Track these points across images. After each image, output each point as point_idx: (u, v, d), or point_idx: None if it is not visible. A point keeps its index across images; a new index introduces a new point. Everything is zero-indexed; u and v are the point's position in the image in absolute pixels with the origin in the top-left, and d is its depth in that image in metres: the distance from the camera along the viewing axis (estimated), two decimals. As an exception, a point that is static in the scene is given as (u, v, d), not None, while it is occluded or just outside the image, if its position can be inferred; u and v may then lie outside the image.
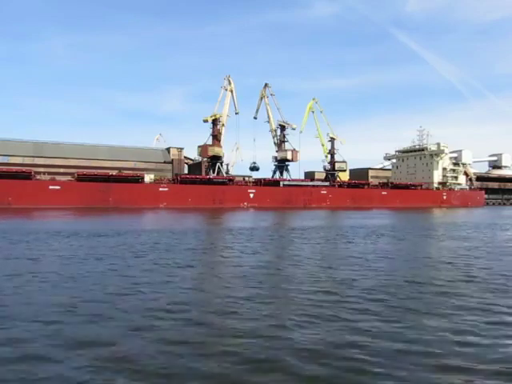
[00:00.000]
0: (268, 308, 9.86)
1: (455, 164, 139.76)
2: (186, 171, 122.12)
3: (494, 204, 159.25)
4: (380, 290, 11.64)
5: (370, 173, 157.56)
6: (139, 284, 12.33)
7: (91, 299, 10.47)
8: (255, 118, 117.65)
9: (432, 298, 10.89)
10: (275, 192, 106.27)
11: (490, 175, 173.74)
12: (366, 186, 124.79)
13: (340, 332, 8.15)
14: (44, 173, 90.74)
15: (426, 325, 8.63)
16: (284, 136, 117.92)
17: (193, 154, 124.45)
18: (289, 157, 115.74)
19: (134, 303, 10.12)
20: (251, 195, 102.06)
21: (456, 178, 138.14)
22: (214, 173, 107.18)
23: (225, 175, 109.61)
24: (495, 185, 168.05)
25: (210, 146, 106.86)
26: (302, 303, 10.25)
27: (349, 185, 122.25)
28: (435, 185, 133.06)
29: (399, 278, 13.42)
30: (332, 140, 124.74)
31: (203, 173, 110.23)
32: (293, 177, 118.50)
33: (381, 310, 9.74)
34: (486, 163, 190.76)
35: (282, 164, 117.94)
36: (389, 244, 24.18)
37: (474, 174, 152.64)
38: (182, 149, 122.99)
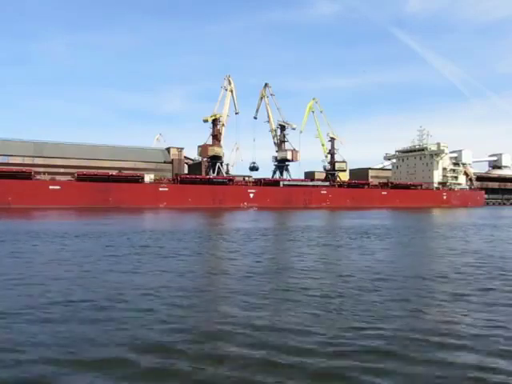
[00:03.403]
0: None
1: (455, 164, 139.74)
2: (186, 171, 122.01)
3: (493, 204, 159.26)
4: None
5: (370, 173, 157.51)
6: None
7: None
8: (255, 117, 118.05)
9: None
10: (275, 192, 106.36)
11: (490, 175, 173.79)
12: (366, 186, 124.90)
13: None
14: (44, 173, 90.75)
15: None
16: (284, 136, 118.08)
17: (193, 154, 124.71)
18: (289, 157, 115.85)
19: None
20: (251, 195, 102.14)
21: (456, 177, 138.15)
22: (214, 173, 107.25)
23: (225, 175, 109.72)
24: (495, 185, 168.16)
25: (210, 145, 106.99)
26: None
27: (349, 185, 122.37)
28: (435, 185, 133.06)
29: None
30: (332, 140, 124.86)
31: (203, 173, 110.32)
32: (293, 177, 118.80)
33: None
34: (486, 163, 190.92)
35: (281, 164, 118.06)
36: (375, 244, 24.40)
37: (474, 174, 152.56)
38: (182, 149, 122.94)
